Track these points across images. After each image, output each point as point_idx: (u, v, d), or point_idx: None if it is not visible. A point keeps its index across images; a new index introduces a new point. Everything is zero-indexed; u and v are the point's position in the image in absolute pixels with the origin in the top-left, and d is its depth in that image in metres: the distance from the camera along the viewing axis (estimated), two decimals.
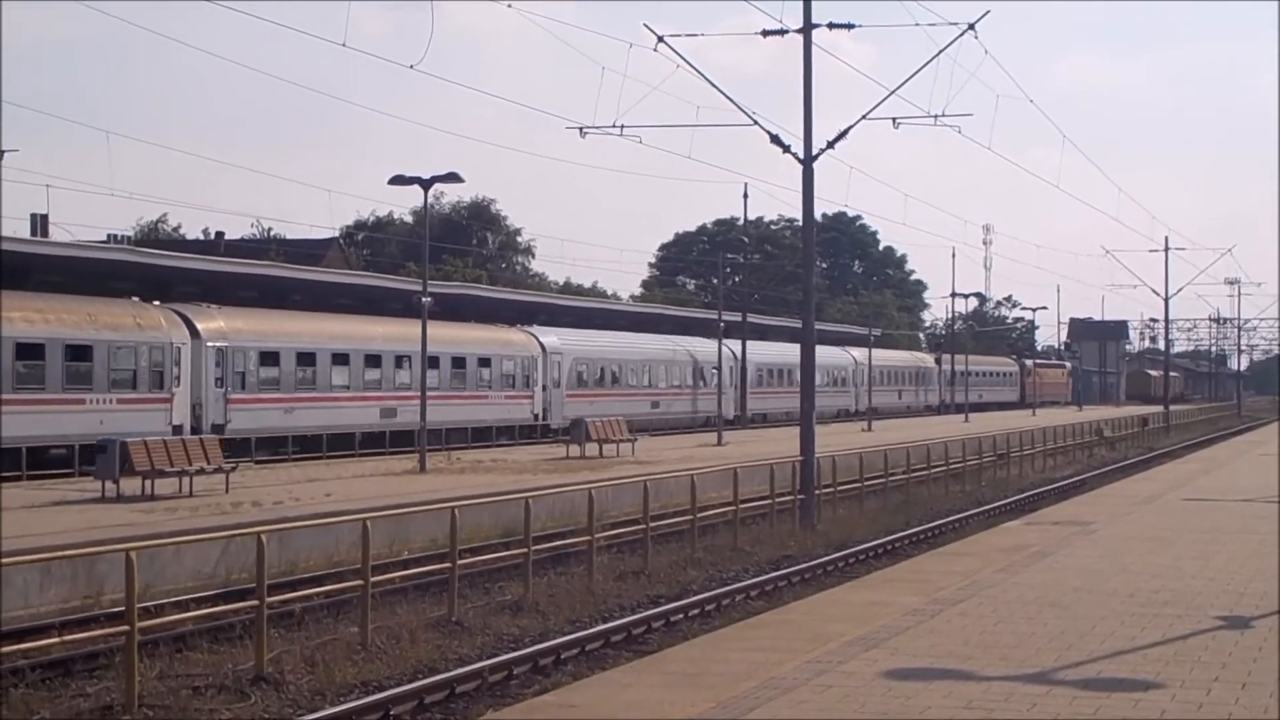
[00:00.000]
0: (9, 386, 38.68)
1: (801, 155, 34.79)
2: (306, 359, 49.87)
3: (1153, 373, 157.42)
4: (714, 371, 71.08)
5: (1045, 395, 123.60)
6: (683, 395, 74.72)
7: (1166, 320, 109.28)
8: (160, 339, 43.86)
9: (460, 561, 22.16)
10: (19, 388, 39.14)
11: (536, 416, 62.45)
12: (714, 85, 35.24)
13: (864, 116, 35.85)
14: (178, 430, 42.23)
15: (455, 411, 55.92)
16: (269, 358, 48.31)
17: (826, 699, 12.46)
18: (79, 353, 41.18)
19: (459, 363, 57.10)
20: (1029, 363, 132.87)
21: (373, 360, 52.66)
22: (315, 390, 50.08)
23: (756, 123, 35.25)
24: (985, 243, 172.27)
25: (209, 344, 45.76)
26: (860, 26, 35.16)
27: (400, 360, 53.20)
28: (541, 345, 63.04)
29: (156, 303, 45.87)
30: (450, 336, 55.93)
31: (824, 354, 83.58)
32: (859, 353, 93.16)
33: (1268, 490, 34.73)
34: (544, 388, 62.89)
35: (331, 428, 50.64)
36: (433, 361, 49.72)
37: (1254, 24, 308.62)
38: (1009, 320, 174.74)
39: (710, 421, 68.04)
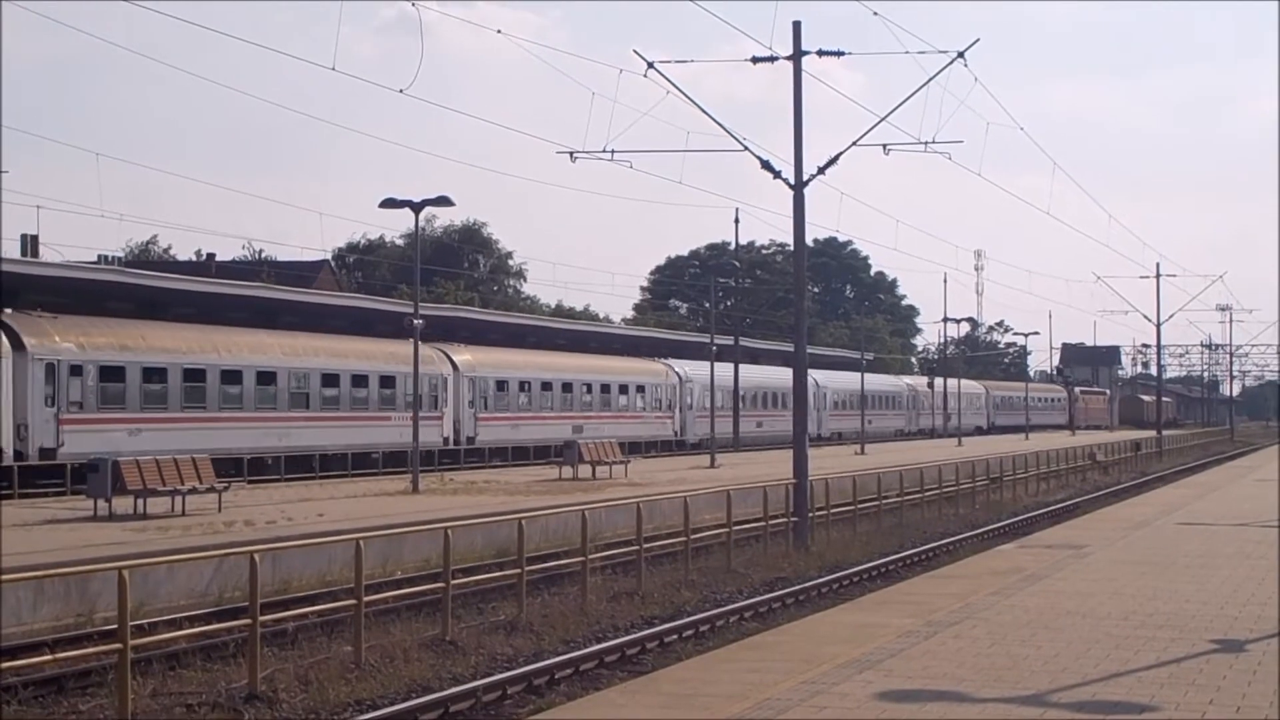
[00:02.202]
0: (346, 406, 51.50)
1: (792, 181, 34.89)
2: (525, 386, 63.34)
3: (1145, 398, 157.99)
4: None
5: (1090, 420, 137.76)
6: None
7: (1159, 346, 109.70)
8: (435, 371, 56.31)
9: (454, 581, 22.12)
10: (353, 408, 52.46)
11: (676, 434, 74.56)
12: (704, 111, 35.38)
13: (854, 143, 36.00)
14: (445, 441, 57.23)
15: (624, 428, 67.13)
16: (501, 385, 61.72)
17: None
18: (386, 381, 54.07)
19: (624, 389, 71.02)
20: (1076, 390, 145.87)
21: (566, 386, 66.24)
22: (531, 410, 63.33)
23: (747, 148, 35.36)
24: (977, 268, 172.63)
25: (464, 375, 58.95)
26: (850, 54, 35.08)
27: (587, 386, 67.32)
28: (677, 373, 75.29)
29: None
30: (607, 367, 70.51)
31: (882, 381, 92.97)
32: (911, 379, 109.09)
33: (1261, 515, 34.75)
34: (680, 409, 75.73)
35: (542, 441, 61.96)
36: (604, 387, 68.65)
37: (1244, 51, 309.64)
38: (1001, 345, 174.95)
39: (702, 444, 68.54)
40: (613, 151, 36.08)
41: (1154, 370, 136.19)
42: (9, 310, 42.07)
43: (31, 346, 41.32)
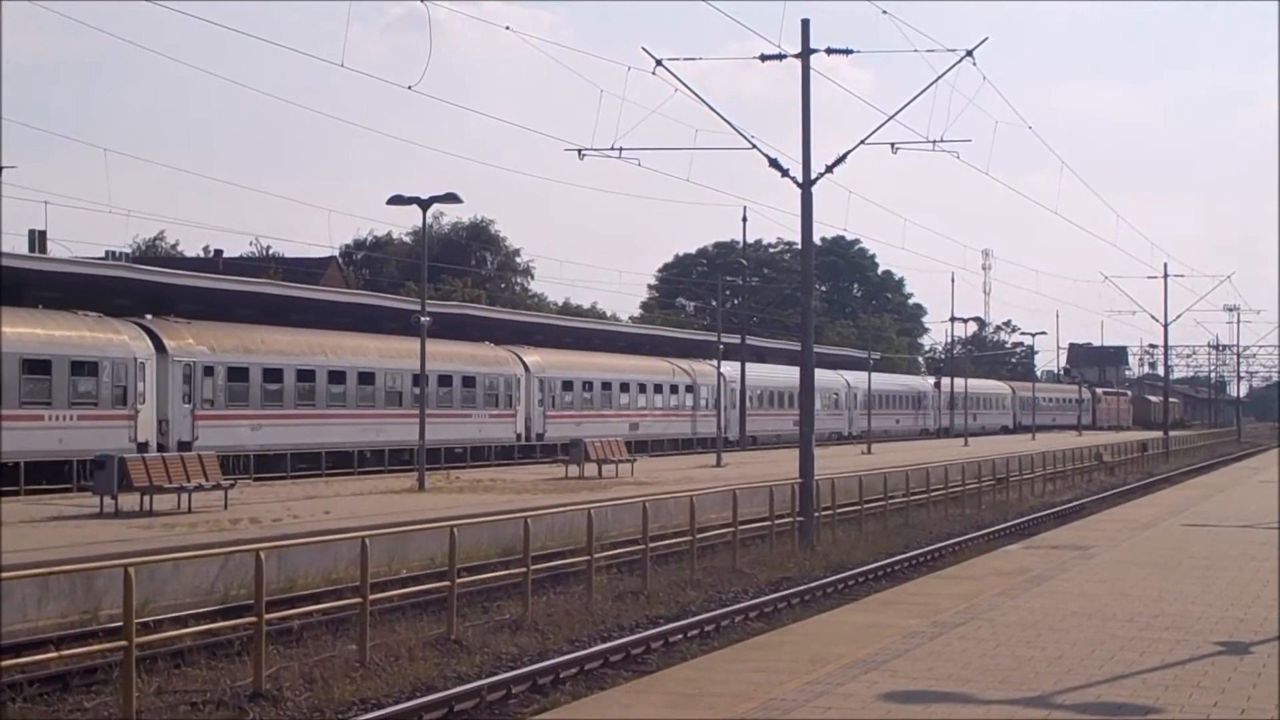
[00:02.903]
0: (433, 405, 52.60)
1: (800, 179, 34.84)
2: (588, 385, 67.51)
3: (1152, 398, 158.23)
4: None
5: (1110, 420, 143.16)
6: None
7: (1166, 346, 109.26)
8: (510, 372, 62.05)
9: (459, 580, 22.14)
10: (439, 406, 55.15)
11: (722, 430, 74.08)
12: (712, 109, 35.37)
13: (862, 141, 35.96)
14: (518, 437, 62.36)
15: (675, 426, 73.97)
16: (567, 385, 66.24)
17: None
18: (468, 381, 58.91)
19: (674, 389, 75.12)
20: (1098, 390, 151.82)
21: (624, 386, 70.12)
22: (594, 409, 67.45)
23: (755, 146, 35.32)
24: (984, 268, 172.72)
25: (535, 375, 63.44)
26: (858, 52, 35.01)
27: (642, 385, 71.11)
28: (722, 374, 74.17)
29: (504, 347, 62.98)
30: (661, 368, 74.54)
31: (910, 381, 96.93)
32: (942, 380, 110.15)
33: (1267, 517, 34.71)
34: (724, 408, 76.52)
35: (603, 437, 60.98)
36: (657, 387, 72.97)
37: (1253, 52, 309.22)
38: (1008, 345, 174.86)
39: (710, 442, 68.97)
40: (621, 149, 36.02)
41: (1161, 371, 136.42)
42: (149, 316, 46.28)
43: (171, 349, 45.51)
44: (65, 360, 41.25)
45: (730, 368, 76.65)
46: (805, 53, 34.62)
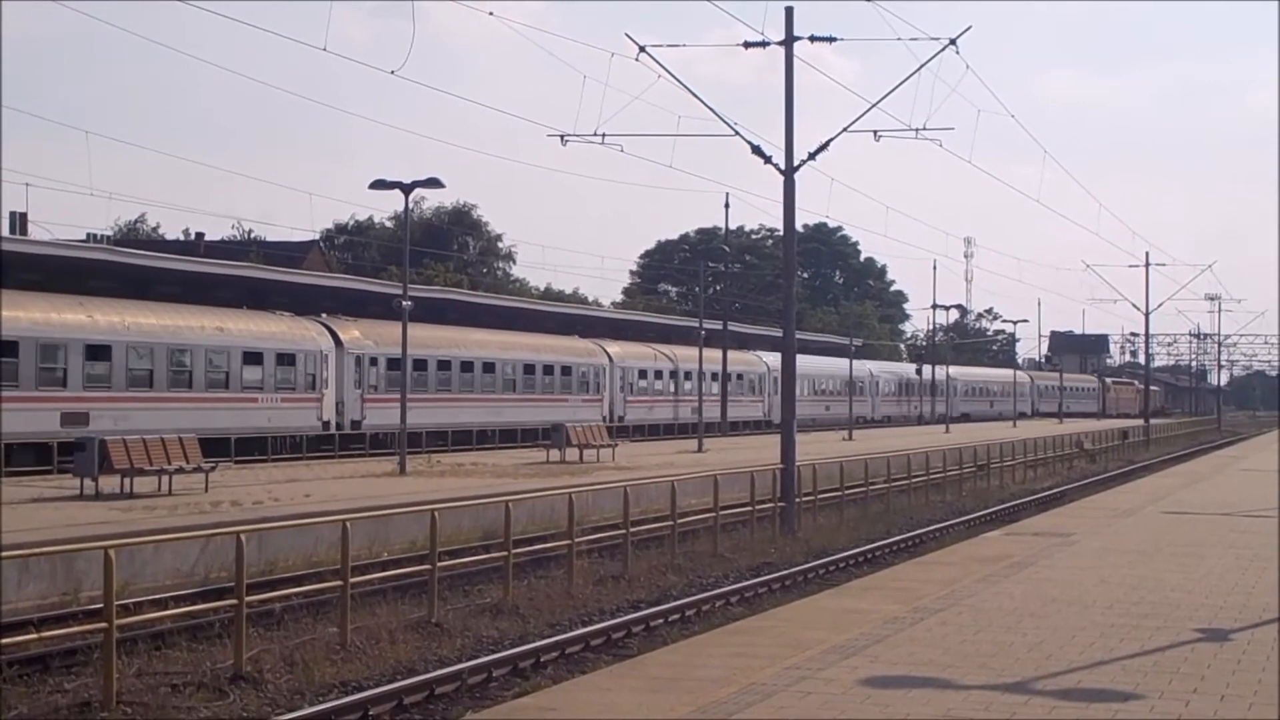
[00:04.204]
0: (539, 390, 64.70)
1: (783, 166, 34.86)
2: (659, 374, 76.73)
3: (1138, 385, 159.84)
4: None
5: (1121, 408, 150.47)
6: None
7: (1147, 335, 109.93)
8: (597, 362, 70.32)
9: (440, 563, 22.16)
10: (543, 392, 64.99)
11: (765, 415, 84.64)
12: (695, 95, 35.34)
13: (845, 129, 36.00)
14: (603, 419, 66.50)
15: (730, 410, 79.03)
16: (642, 373, 75.08)
17: (806, 705, 12.46)
18: (565, 370, 67.31)
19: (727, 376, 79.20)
20: (1108, 380, 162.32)
21: (687, 375, 75.66)
22: (663, 394, 76.42)
23: (738, 133, 35.33)
24: (966, 255, 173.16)
25: (617, 365, 71.66)
26: (842, 40, 35.09)
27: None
28: (765, 364, 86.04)
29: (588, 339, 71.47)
30: (717, 358, 76.93)
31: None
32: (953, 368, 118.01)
33: (1247, 504, 34.83)
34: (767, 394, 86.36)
35: (669, 420, 75.07)
36: (713, 375, 76.49)
37: (1237, 41, 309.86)
38: (990, 333, 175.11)
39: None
40: (604, 135, 36.00)
41: (1142, 359, 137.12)
42: (324, 315, 54.04)
43: (346, 343, 53.72)
44: (273, 353, 49.90)
45: (772, 358, 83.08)
46: (789, 40, 34.64)
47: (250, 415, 48.63)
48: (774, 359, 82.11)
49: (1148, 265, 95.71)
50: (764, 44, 34.98)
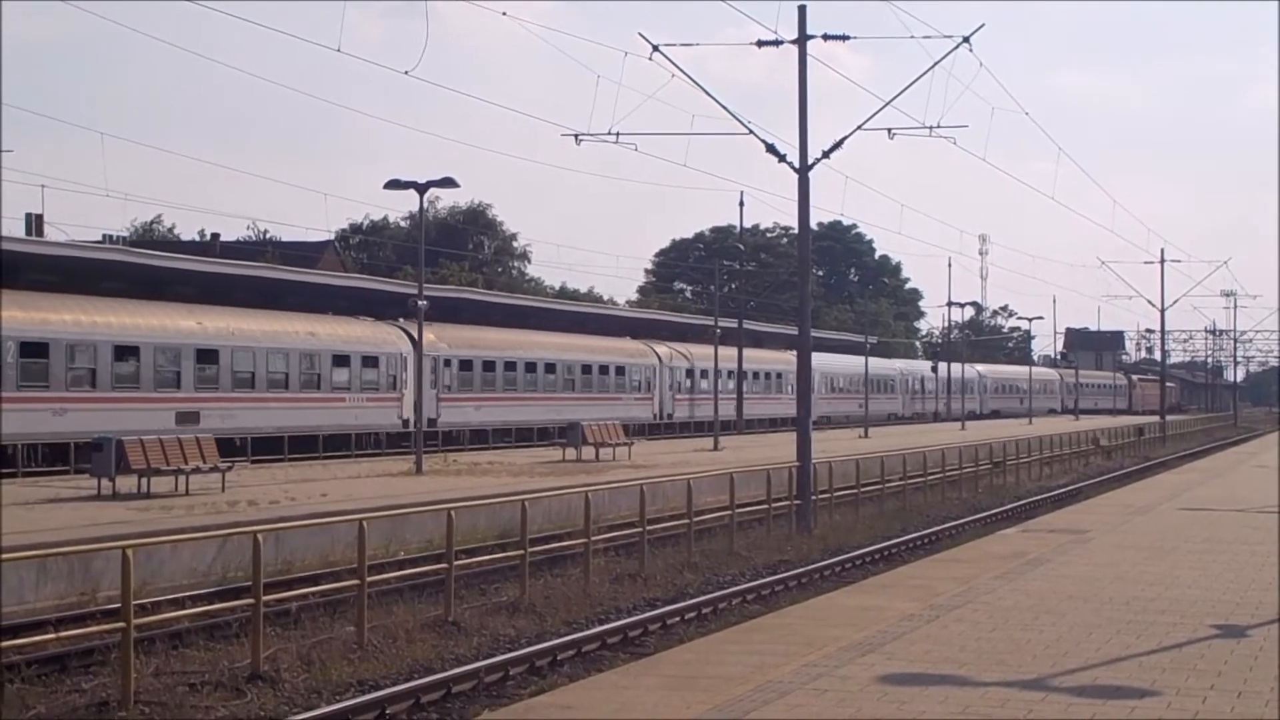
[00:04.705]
0: (596, 389, 67.96)
1: (797, 164, 34.85)
2: (705, 373, 75.93)
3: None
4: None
5: (1146, 404, 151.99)
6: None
7: (1162, 331, 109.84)
8: (648, 362, 73.25)
9: (457, 562, 22.18)
10: (599, 390, 68.39)
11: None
12: (709, 94, 35.33)
13: (859, 127, 35.96)
14: (654, 417, 73.16)
15: (775, 408, 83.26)
16: (689, 373, 77.41)
17: (822, 703, 12.47)
18: (620, 370, 70.89)
19: (769, 375, 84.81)
20: (1134, 377, 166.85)
21: (731, 374, 74.52)
22: (708, 393, 73.59)
23: (752, 132, 35.33)
24: (981, 253, 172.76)
25: (665, 365, 74.71)
26: (855, 38, 35.08)
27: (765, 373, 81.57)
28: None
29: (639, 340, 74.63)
30: (761, 357, 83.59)
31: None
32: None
33: (1263, 501, 34.75)
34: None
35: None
36: (755, 374, 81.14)
37: (1248, 37, 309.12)
38: (1005, 329, 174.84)
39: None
40: (618, 134, 35.96)
41: (1158, 356, 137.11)
42: (400, 319, 55.30)
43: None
44: (359, 355, 53.33)
45: (819, 359, 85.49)
46: (802, 38, 34.63)
47: (339, 414, 52.27)
48: (819, 359, 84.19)
49: (1163, 262, 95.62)
50: (777, 43, 34.97)
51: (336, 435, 51.96)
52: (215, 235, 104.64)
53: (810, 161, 34.83)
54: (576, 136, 36.68)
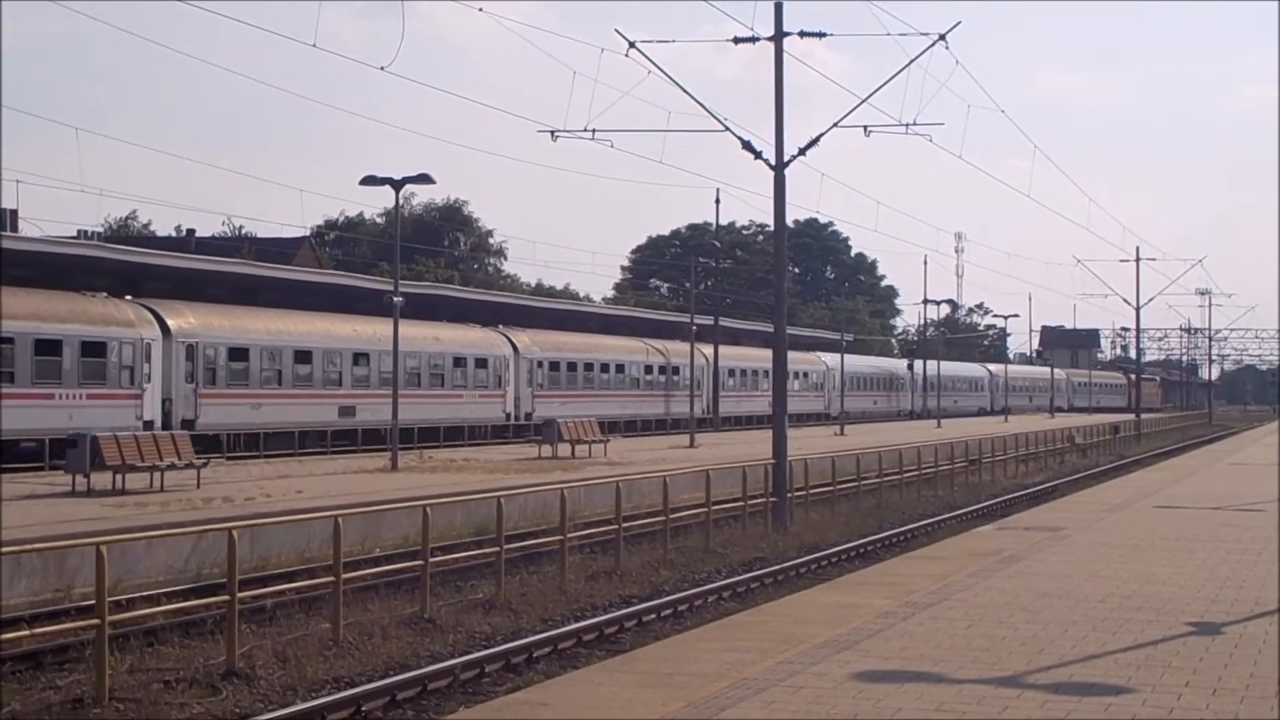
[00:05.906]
0: (656, 388, 75.36)
1: (773, 162, 34.85)
2: (744, 373, 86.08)
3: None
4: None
5: (1145, 402, 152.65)
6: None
7: (1138, 329, 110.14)
8: (699, 362, 74.97)
9: (432, 559, 22.14)
10: (652, 389, 75.38)
11: (825, 408, 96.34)
12: (685, 91, 35.27)
13: (835, 124, 35.98)
14: (703, 411, 75.09)
15: (800, 404, 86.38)
16: (731, 373, 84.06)
17: (798, 700, 12.47)
18: (674, 370, 76.51)
19: (795, 375, 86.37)
20: (1134, 377, 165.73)
21: (765, 373, 78.28)
22: (747, 391, 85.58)
23: (728, 129, 35.29)
24: (957, 250, 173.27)
25: (710, 365, 79.71)
26: (831, 35, 35.07)
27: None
28: (825, 363, 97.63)
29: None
30: (790, 357, 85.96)
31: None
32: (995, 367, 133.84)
33: (1238, 498, 34.88)
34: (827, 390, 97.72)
35: (753, 413, 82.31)
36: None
37: (1228, 36, 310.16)
38: (981, 327, 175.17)
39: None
40: (594, 131, 35.95)
41: (1133, 353, 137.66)
42: (501, 325, 63.85)
43: (521, 349, 63.98)
44: (473, 357, 60.10)
45: (831, 358, 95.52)
46: (778, 35, 34.62)
47: (458, 408, 59.46)
48: (832, 359, 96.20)
49: (1138, 260, 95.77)
50: (754, 39, 34.96)
51: (453, 427, 58.53)
52: (191, 231, 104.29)
53: (786, 159, 34.85)
54: (553, 133, 36.66)
